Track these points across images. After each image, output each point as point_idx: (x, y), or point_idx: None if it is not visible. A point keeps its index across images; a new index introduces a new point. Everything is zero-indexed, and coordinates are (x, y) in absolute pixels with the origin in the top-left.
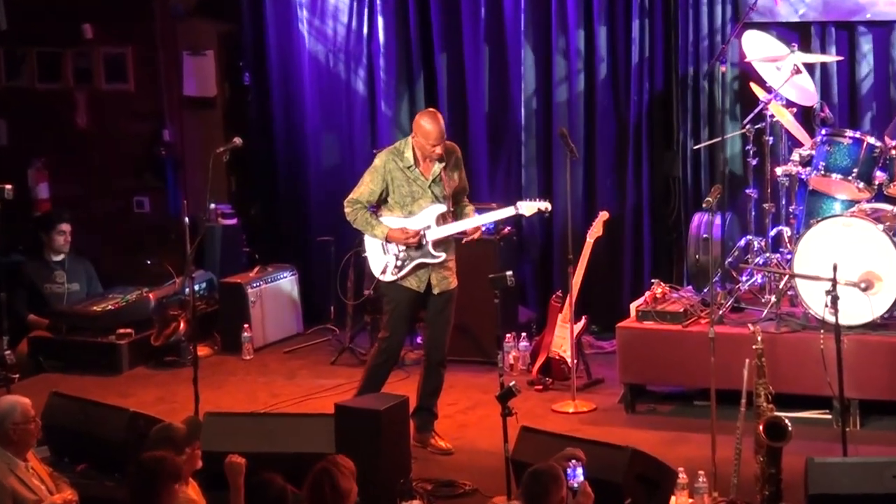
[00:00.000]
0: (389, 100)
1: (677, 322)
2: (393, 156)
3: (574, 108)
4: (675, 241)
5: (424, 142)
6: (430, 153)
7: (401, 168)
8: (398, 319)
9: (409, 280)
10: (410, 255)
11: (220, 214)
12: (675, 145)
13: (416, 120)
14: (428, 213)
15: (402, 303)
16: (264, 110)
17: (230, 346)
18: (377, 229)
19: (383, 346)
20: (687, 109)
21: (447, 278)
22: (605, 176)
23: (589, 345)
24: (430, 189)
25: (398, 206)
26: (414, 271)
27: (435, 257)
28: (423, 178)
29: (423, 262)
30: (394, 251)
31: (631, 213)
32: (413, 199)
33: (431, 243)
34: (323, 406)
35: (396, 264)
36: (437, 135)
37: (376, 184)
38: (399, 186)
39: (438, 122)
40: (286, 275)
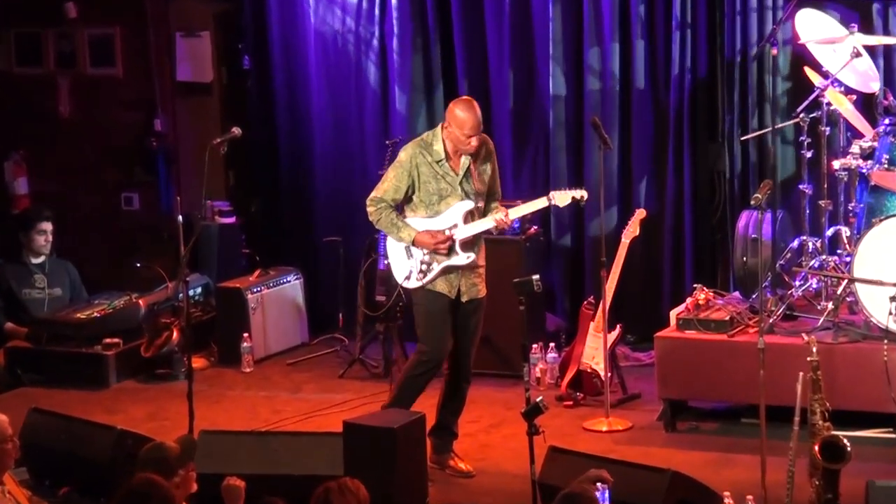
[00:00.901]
0: (404, 84)
1: (722, 331)
2: (420, 149)
3: (608, 94)
4: (719, 241)
5: (458, 132)
6: (464, 146)
7: (429, 162)
8: (435, 329)
9: (439, 284)
10: (436, 258)
11: (217, 212)
12: (720, 136)
13: (450, 108)
14: (455, 211)
15: (436, 310)
16: (266, 97)
17: (228, 357)
18: (403, 232)
19: (423, 358)
20: (733, 96)
21: (476, 285)
22: (641, 170)
23: (624, 356)
24: (459, 186)
25: (423, 206)
26: (441, 275)
27: (462, 259)
28: (454, 174)
29: (450, 265)
30: (418, 255)
31: (671, 210)
32: (441, 197)
33: (459, 244)
34: (330, 424)
35: (421, 269)
36: (474, 124)
37: (402, 180)
38: (426, 183)
39: (475, 110)
40: (290, 279)
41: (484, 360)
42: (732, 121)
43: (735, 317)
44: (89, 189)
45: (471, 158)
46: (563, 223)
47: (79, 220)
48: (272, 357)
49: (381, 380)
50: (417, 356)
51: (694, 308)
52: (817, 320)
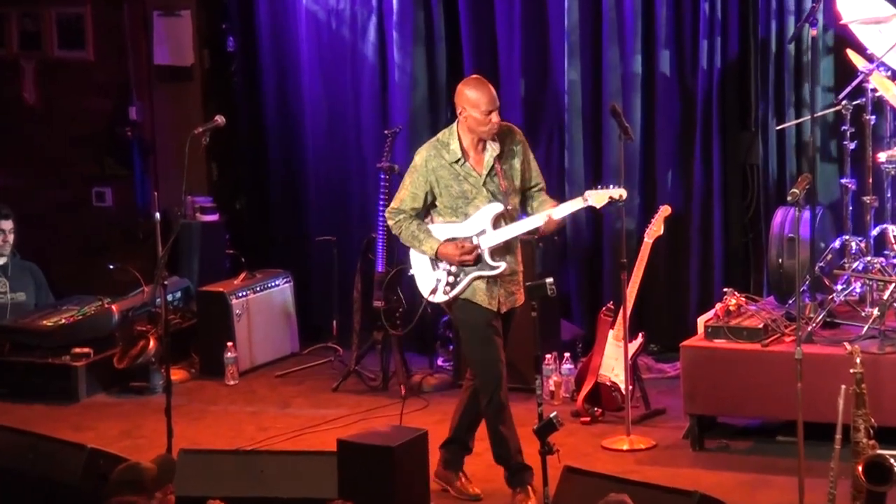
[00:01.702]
0: (405, 69)
1: (756, 340)
2: (435, 150)
3: (629, 79)
4: (752, 241)
5: (475, 112)
6: (485, 126)
7: (447, 164)
8: (484, 346)
9: (479, 296)
10: (464, 269)
11: (199, 209)
12: (754, 125)
13: (459, 91)
14: (482, 216)
15: (482, 323)
16: (252, 83)
17: (210, 368)
18: (425, 244)
19: (478, 384)
20: (768, 81)
21: (514, 294)
22: (666, 162)
23: (647, 368)
24: (484, 187)
25: (450, 211)
26: (473, 286)
27: (493, 268)
28: (476, 174)
29: (480, 275)
30: (444, 265)
31: (698, 207)
32: (467, 199)
33: (488, 251)
34: (323, 442)
35: (448, 280)
36: (489, 98)
37: (418, 186)
38: (447, 187)
39: (487, 85)
40: (279, 282)
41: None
42: (767, 108)
43: (769, 324)
44: (56, 183)
45: (495, 155)
46: (580, 221)
47: (45, 217)
48: (259, 368)
49: (378, 393)
50: (472, 386)
51: (724, 315)
52: (861, 328)
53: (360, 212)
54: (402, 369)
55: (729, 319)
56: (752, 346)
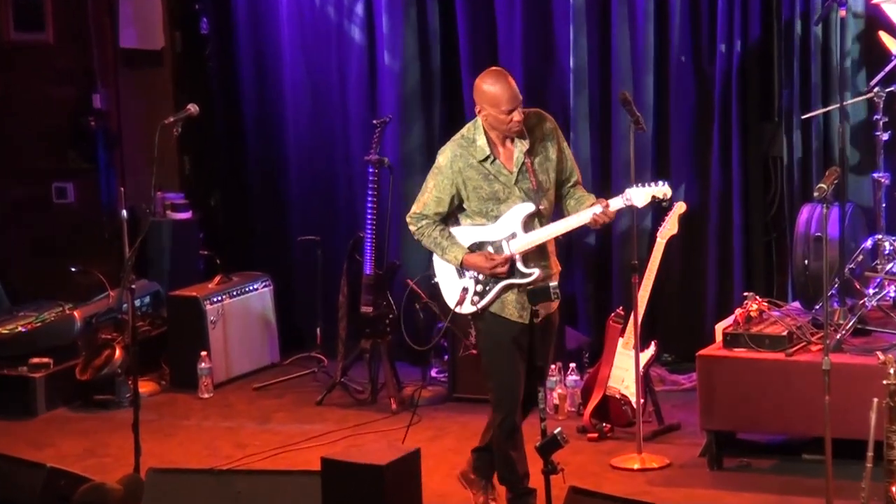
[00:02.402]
0: (395, 52)
1: (779, 349)
2: (461, 149)
3: (640, 63)
4: (775, 241)
5: (494, 111)
6: (505, 126)
7: (474, 164)
8: (506, 364)
9: (508, 308)
10: (493, 276)
11: (170, 206)
12: (777, 114)
13: (477, 86)
14: (511, 217)
15: (505, 340)
16: (228, 68)
17: (182, 380)
18: (449, 253)
19: (495, 397)
20: (792, 67)
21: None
22: (681, 155)
23: (660, 379)
24: (516, 186)
25: (478, 214)
26: (501, 297)
27: (525, 275)
28: (507, 172)
29: (511, 283)
30: (472, 273)
31: (716, 204)
32: (498, 201)
33: (520, 256)
34: (306, 460)
35: (476, 290)
36: (509, 95)
37: (443, 190)
38: (477, 189)
39: (507, 79)
40: (257, 286)
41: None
42: (791, 96)
43: (794, 332)
44: (14, 178)
45: (524, 149)
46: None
47: (0, 215)
48: (236, 380)
49: (366, 407)
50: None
51: (744, 321)
52: (895, 336)
53: (347, 209)
54: (392, 381)
55: (750, 326)
56: (775, 355)
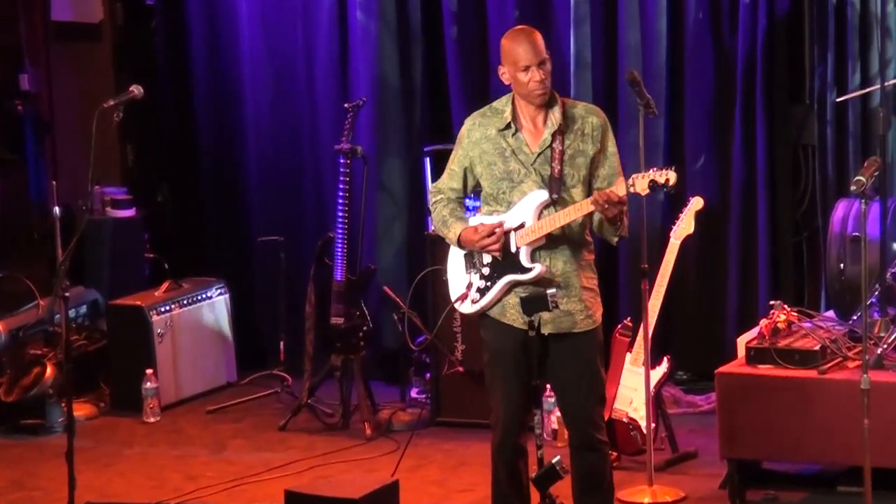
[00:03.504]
0: (370, 24)
1: (811, 365)
2: (483, 118)
3: (651, 38)
4: (806, 241)
5: (513, 69)
6: (527, 89)
7: (492, 136)
8: (501, 377)
9: (509, 311)
10: (497, 270)
11: (110, 202)
12: (808, 96)
13: (501, 48)
14: (525, 206)
15: (504, 350)
16: (177, 43)
17: (125, 402)
18: (451, 230)
19: (493, 416)
20: (826, 41)
21: (571, 314)
22: (698, 143)
23: (674, 400)
24: (533, 168)
25: (492, 198)
26: (502, 301)
27: (525, 271)
28: (527, 151)
29: (513, 279)
30: (478, 265)
31: (738, 199)
32: (512, 183)
33: (526, 250)
34: (267, 494)
35: (479, 286)
36: (526, 49)
37: (458, 162)
38: (490, 165)
39: (529, 34)
40: (212, 294)
41: (479, 406)
42: (824, 75)
43: (828, 346)
44: None
45: (554, 129)
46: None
47: None
48: (186, 402)
49: (336, 432)
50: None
51: (771, 334)
52: None
53: (315, 205)
54: (366, 403)
55: (777, 340)
56: (806, 373)
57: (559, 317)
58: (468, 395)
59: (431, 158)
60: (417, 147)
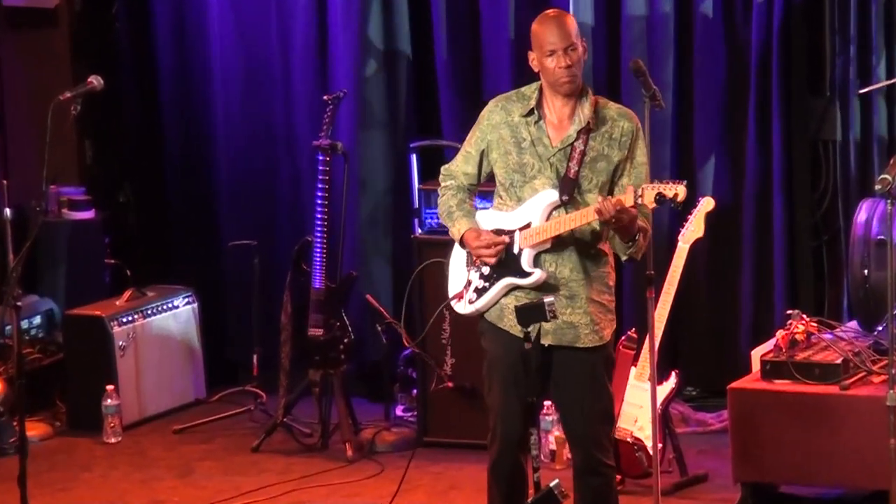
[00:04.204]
0: (351, 10)
1: (832, 380)
2: (507, 102)
3: (657, 24)
4: (826, 245)
5: (539, 54)
6: (553, 76)
7: (514, 122)
8: (498, 389)
9: (505, 318)
10: (497, 271)
11: (67, 203)
12: (828, 88)
13: (531, 33)
14: (534, 205)
15: (502, 359)
16: (141, 30)
17: (83, 421)
18: (455, 224)
19: (489, 433)
20: (848, 27)
21: (575, 326)
22: (708, 140)
23: (682, 418)
24: (550, 164)
25: (504, 190)
26: (499, 303)
27: (524, 275)
28: (547, 144)
29: (512, 282)
30: (479, 263)
31: (752, 199)
32: (524, 177)
33: (529, 253)
34: None
35: (477, 286)
36: (556, 34)
37: (475, 144)
38: (505, 155)
39: (560, 17)
40: (179, 303)
41: (471, 424)
42: (846, 64)
43: (851, 359)
44: None
45: (581, 127)
46: None
47: None
48: (151, 421)
49: (315, 453)
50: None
51: (788, 346)
52: None
53: (291, 207)
54: (347, 421)
55: (795, 352)
56: (826, 388)
57: (561, 328)
58: (458, 412)
59: (418, 155)
60: (403, 143)
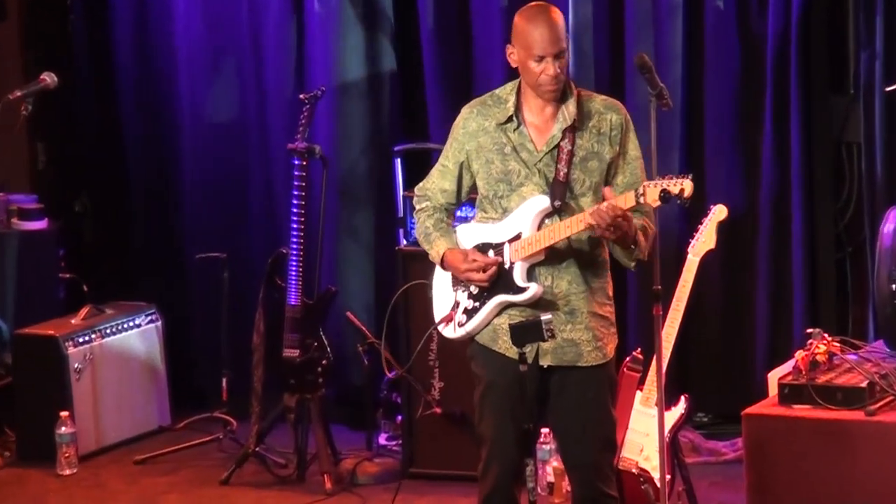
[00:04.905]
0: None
1: (857, 406)
2: (483, 107)
3: (664, 16)
4: (851, 259)
5: (524, 55)
6: (536, 80)
7: (492, 128)
8: (491, 418)
9: (499, 340)
10: (488, 289)
11: (17, 212)
12: (852, 86)
13: (514, 21)
14: (523, 213)
15: (496, 385)
16: (99, 23)
17: (34, 450)
18: (434, 246)
19: (481, 464)
20: (874, 20)
21: (576, 343)
22: (720, 141)
23: (693, 447)
24: (537, 170)
25: (487, 202)
26: (492, 323)
27: (518, 291)
28: (532, 149)
29: (505, 300)
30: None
31: (768, 208)
32: (510, 186)
33: (522, 267)
34: None
35: (467, 306)
36: (547, 38)
37: (451, 156)
38: (487, 163)
39: (549, 15)
40: (140, 321)
41: (461, 454)
42: (871, 60)
43: (877, 382)
44: None
45: (566, 126)
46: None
47: None
48: (109, 450)
49: (290, 486)
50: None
51: (808, 368)
52: None
53: (264, 216)
54: (325, 451)
55: (816, 375)
56: (851, 414)
57: (561, 346)
58: (447, 441)
59: (403, 159)
60: (386, 146)
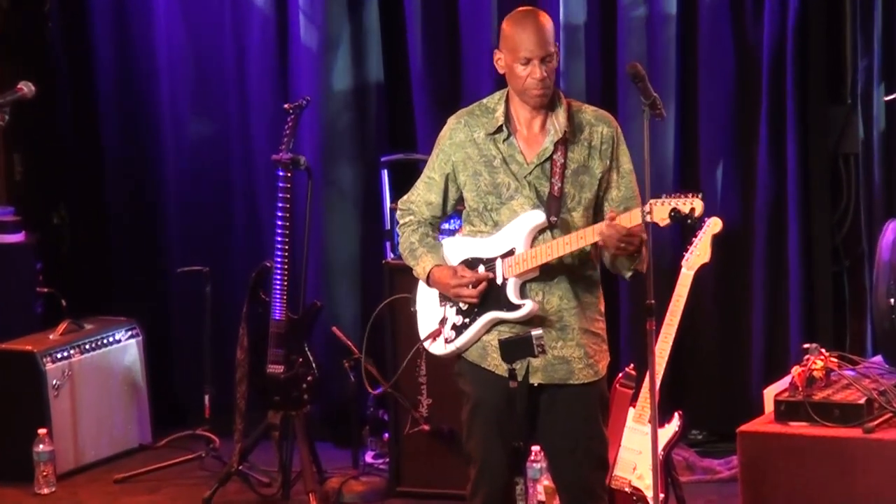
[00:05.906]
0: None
1: (855, 423)
2: (470, 117)
3: (656, 23)
4: (848, 272)
5: (511, 59)
6: (523, 84)
7: (480, 139)
8: (480, 437)
9: (488, 357)
10: (478, 305)
11: None
12: (849, 95)
13: (501, 29)
14: (516, 228)
15: (485, 403)
16: (77, 31)
17: (11, 469)
18: (420, 262)
19: (470, 484)
20: (872, 28)
21: (567, 361)
22: (714, 151)
23: (687, 465)
24: (528, 183)
25: (476, 215)
26: (482, 340)
27: (512, 308)
28: (523, 160)
29: (497, 317)
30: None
31: (764, 220)
32: (500, 199)
33: (515, 283)
34: None
35: (455, 322)
36: (534, 40)
37: (437, 168)
38: (475, 175)
39: (536, 19)
40: (121, 336)
41: (448, 472)
42: (870, 69)
43: (876, 399)
44: None
45: (557, 139)
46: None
47: None
48: (88, 469)
49: None
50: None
51: (805, 384)
52: None
53: (247, 228)
54: (310, 469)
55: (812, 391)
56: (848, 431)
57: (552, 364)
58: (435, 459)
59: (389, 171)
60: (373, 157)
